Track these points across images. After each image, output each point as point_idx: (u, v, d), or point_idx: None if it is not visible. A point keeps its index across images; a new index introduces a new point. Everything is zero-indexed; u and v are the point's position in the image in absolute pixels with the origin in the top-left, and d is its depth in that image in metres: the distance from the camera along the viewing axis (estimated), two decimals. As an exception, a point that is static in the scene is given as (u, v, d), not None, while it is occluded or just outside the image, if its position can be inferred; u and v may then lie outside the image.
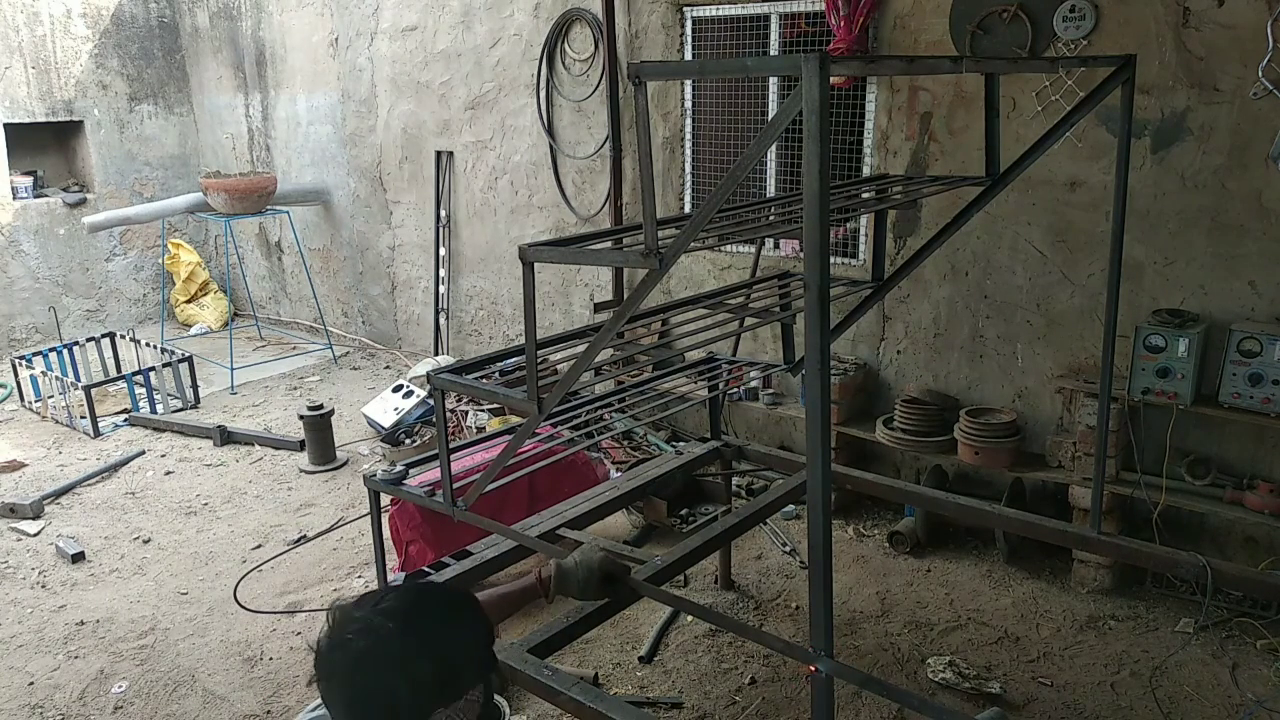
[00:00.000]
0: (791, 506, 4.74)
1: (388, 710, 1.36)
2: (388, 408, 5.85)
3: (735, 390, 5.16)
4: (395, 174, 7.21)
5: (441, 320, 7.06)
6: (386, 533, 3.94)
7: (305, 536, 4.75)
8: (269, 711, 3.47)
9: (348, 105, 7.40)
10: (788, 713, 3.39)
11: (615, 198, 5.71)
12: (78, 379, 6.59)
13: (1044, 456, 4.33)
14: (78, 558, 4.55)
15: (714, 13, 5.14)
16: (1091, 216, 4.13)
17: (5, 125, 7.80)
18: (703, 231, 2.08)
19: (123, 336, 7.09)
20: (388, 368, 7.45)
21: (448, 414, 5.30)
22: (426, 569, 3.10)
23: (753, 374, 4.19)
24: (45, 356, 6.65)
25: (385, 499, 3.45)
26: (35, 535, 4.82)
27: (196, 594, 4.26)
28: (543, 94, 6.00)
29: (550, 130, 6.05)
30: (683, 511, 4.80)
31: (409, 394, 5.86)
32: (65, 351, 6.74)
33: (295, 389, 7.06)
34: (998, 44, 4.17)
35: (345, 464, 5.63)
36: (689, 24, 5.27)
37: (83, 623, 4.04)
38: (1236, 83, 3.70)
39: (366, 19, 6.99)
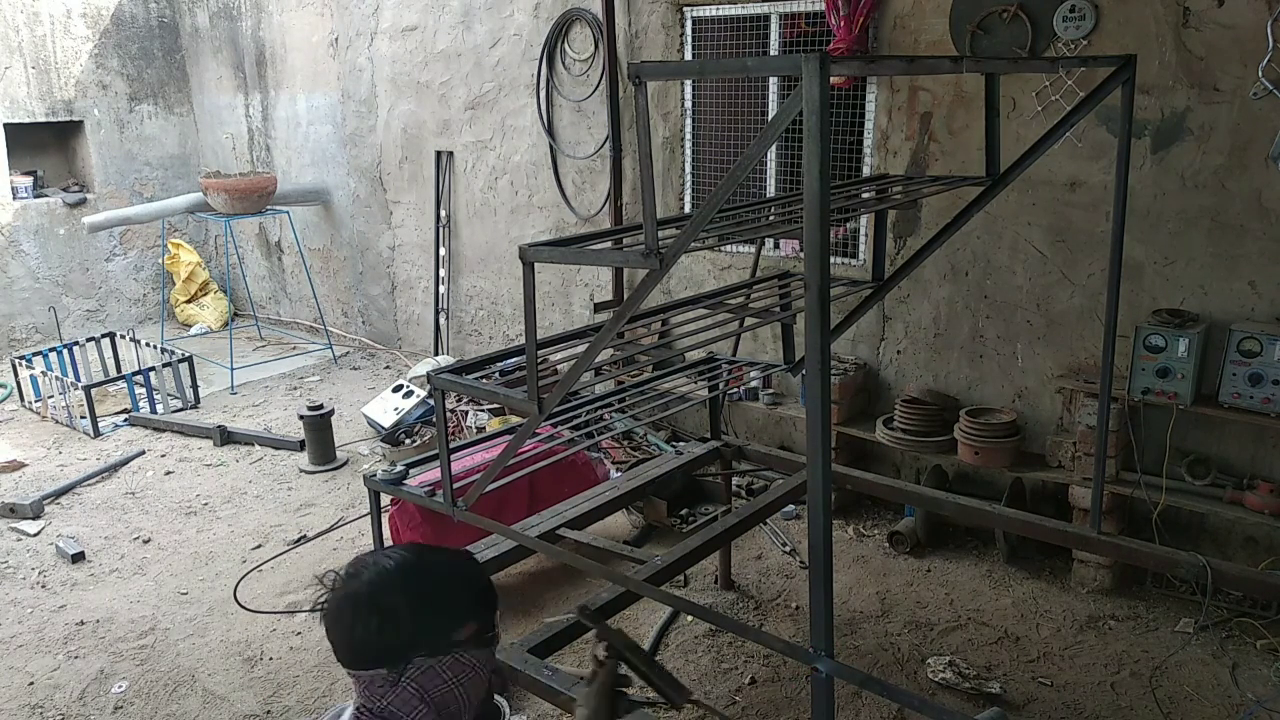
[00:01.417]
0: (791, 506, 4.74)
1: (367, 643, 1.46)
2: (388, 408, 5.85)
3: (735, 390, 5.16)
4: (395, 174, 7.21)
5: (441, 320, 7.06)
6: (386, 533, 3.94)
7: (305, 536, 4.75)
8: (269, 711, 3.47)
9: (348, 105, 7.40)
10: (788, 713, 3.39)
11: (615, 198, 5.72)
12: (78, 379, 6.59)
13: (1044, 456, 4.33)
14: (78, 558, 4.55)
15: (714, 13, 5.14)
16: (1091, 216, 4.13)
17: (5, 125, 7.79)
18: (703, 231, 2.08)
19: (123, 336, 7.09)
20: (388, 368, 7.45)
21: (448, 414, 5.30)
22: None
23: (753, 374, 4.20)
24: (45, 356, 6.65)
25: (385, 499, 3.45)
26: (35, 535, 4.82)
27: (196, 594, 4.26)
28: (543, 94, 6.00)
29: (550, 130, 6.05)
30: (683, 511, 4.80)
31: (409, 394, 5.86)
32: (65, 351, 6.74)
33: (295, 389, 7.06)
34: (998, 44, 4.17)
35: (345, 464, 5.63)
36: (689, 24, 5.27)
37: (83, 623, 4.04)
38: (1236, 83, 3.70)
39: (366, 19, 7.00)
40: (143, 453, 5.83)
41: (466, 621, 1.51)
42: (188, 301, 8.82)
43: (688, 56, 5.31)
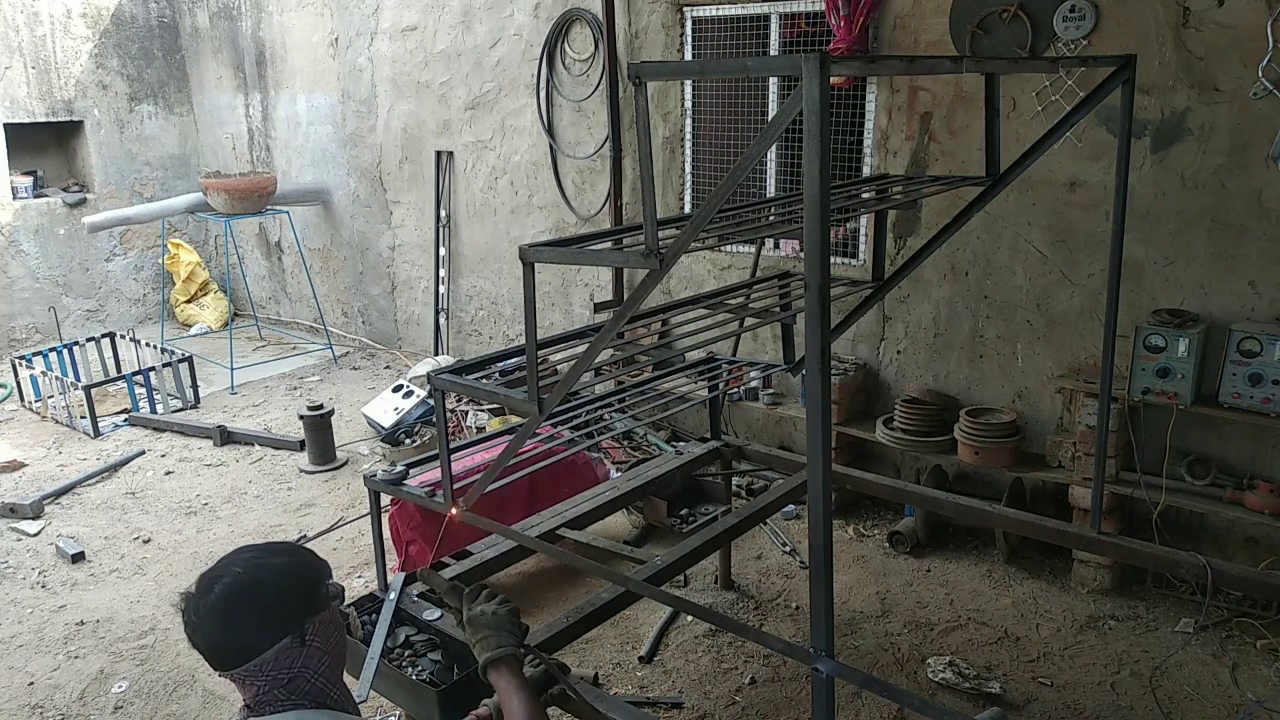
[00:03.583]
0: (791, 506, 4.74)
1: (269, 618, 1.60)
2: (388, 408, 5.85)
3: (735, 390, 5.16)
4: (395, 174, 7.21)
5: (441, 320, 7.06)
6: (386, 533, 3.94)
7: (305, 536, 4.75)
8: (269, 711, 3.46)
9: (348, 105, 7.40)
10: (788, 713, 3.40)
11: (615, 198, 5.72)
12: (78, 379, 6.59)
13: (1044, 456, 4.34)
14: (78, 558, 4.55)
15: (714, 13, 5.15)
16: (1091, 216, 4.13)
17: (5, 125, 7.80)
18: (703, 231, 2.08)
19: (123, 336, 7.09)
20: (388, 368, 7.45)
21: (448, 414, 5.30)
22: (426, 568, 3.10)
23: (753, 374, 4.19)
24: (45, 356, 6.65)
25: (385, 499, 3.45)
26: (35, 535, 4.82)
27: (196, 594, 4.26)
28: (543, 94, 6.00)
29: (550, 130, 6.05)
30: (683, 511, 4.79)
31: (409, 394, 5.86)
32: (65, 351, 6.74)
33: (295, 389, 7.06)
34: (998, 44, 4.17)
35: (345, 464, 5.63)
36: (689, 24, 5.27)
37: (83, 623, 4.04)
38: (1236, 83, 3.70)
39: (366, 19, 7.00)
40: (143, 453, 5.83)
41: (324, 579, 1.71)
42: (188, 301, 8.83)
43: (688, 56, 5.31)
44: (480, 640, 2.05)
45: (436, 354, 7.08)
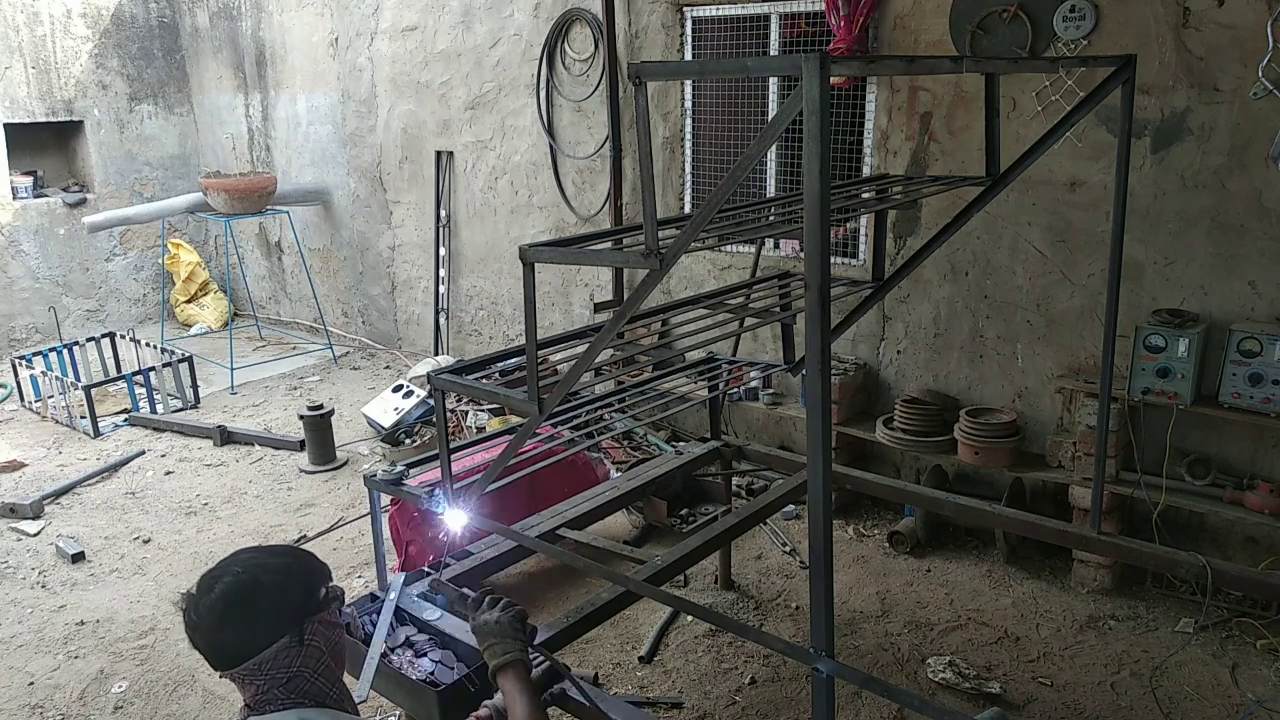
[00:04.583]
0: (791, 506, 4.74)
1: (267, 616, 1.62)
2: (388, 408, 5.84)
3: (735, 390, 5.16)
4: (395, 174, 7.21)
5: (441, 320, 7.07)
6: (386, 533, 3.94)
7: (305, 536, 4.75)
8: (269, 711, 3.46)
9: (348, 105, 7.40)
10: (788, 713, 3.40)
11: (615, 198, 5.72)
12: (78, 379, 6.59)
13: (1044, 456, 4.34)
14: (78, 558, 4.55)
15: (714, 13, 5.15)
16: (1091, 216, 4.13)
17: (5, 125, 7.80)
18: (703, 231, 2.08)
19: (123, 336, 7.09)
20: (388, 368, 7.45)
21: (448, 414, 5.30)
22: (426, 569, 3.11)
23: (753, 374, 4.19)
24: (45, 356, 6.65)
25: (385, 499, 3.45)
26: (35, 535, 4.82)
27: (196, 594, 4.26)
28: (543, 94, 6.00)
29: (550, 130, 6.05)
30: (683, 511, 4.80)
31: (409, 394, 5.86)
32: (65, 351, 6.74)
33: (295, 389, 7.06)
34: (998, 44, 4.17)
35: (345, 464, 5.63)
36: (689, 24, 5.27)
37: (83, 623, 4.04)
38: (1236, 83, 3.70)
39: (366, 19, 7.00)
40: (143, 453, 5.83)
41: (323, 581, 1.74)
42: (188, 301, 8.83)
43: (688, 56, 5.31)
44: (487, 649, 2.10)
45: (436, 354, 7.08)
